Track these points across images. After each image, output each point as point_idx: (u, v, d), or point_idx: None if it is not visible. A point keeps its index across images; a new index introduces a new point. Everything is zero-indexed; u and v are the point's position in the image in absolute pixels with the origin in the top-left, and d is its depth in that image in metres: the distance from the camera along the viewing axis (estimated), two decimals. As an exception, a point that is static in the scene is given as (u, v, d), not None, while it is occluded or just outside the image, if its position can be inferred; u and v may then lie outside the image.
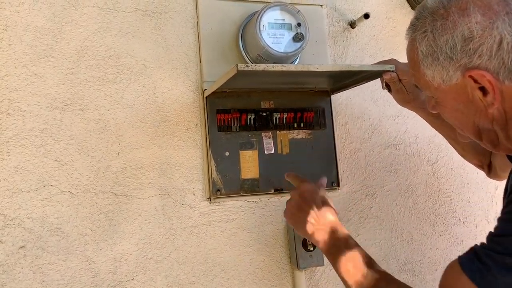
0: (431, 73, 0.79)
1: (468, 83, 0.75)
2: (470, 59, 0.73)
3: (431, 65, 0.78)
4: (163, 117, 1.22)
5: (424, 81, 0.82)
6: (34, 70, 1.12)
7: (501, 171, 1.14)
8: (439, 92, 0.80)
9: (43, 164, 1.10)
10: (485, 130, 0.80)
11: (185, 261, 1.19)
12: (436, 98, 0.83)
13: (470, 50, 0.72)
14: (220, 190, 1.23)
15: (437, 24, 0.76)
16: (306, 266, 1.26)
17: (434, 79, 0.79)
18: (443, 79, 0.77)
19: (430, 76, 0.79)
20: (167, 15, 1.25)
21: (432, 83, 0.80)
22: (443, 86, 0.78)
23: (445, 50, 0.75)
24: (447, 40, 0.74)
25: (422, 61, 0.80)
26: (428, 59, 0.78)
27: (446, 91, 0.79)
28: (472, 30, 0.72)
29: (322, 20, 1.40)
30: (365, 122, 1.43)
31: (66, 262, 1.09)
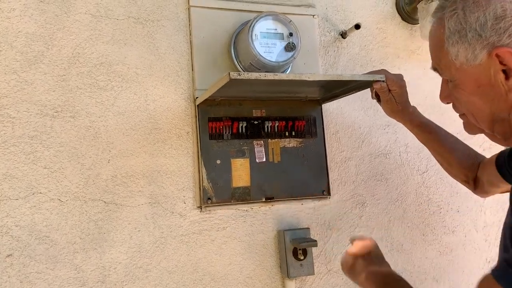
0: (455, 51, 0.78)
1: (492, 64, 0.74)
2: (499, 38, 0.72)
3: (457, 43, 0.77)
4: (155, 124, 1.21)
5: (445, 62, 0.80)
6: (24, 76, 1.11)
7: (491, 186, 1.12)
8: (459, 73, 0.79)
9: (32, 171, 1.09)
10: (499, 120, 0.79)
11: (175, 270, 1.18)
12: (455, 81, 0.81)
13: (501, 28, 0.72)
14: (211, 199, 1.22)
15: (469, 2, 0.75)
16: (297, 275, 1.25)
17: (457, 58, 0.78)
18: (467, 58, 0.76)
19: (454, 54, 0.78)
20: (159, 23, 1.25)
21: (454, 63, 0.79)
22: (466, 66, 0.77)
23: (474, 27, 0.74)
24: (478, 17, 0.74)
25: (448, 38, 0.78)
26: (455, 36, 0.77)
27: (467, 72, 0.78)
28: (505, 9, 0.72)
29: (314, 30, 1.41)
30: (355, 131, 1.44)
31: (54, 270, 1.08)
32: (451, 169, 1.22)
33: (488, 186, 1.13)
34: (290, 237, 1.26)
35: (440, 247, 1.48)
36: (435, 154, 1.23)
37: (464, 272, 1.50)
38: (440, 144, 1.19)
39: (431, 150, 1.23)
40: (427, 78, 1.56)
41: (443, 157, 1.21)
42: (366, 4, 1.51)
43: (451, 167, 1.21)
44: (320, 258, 1.33)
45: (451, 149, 1.18)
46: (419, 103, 1.24)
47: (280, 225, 1.30)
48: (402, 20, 1.55)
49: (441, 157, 1.22)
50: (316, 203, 1.35)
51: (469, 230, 1.53)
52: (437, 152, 1.22)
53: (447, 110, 1.55)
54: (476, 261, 1.52)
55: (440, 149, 1.20)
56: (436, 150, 1.22)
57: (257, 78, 1.02)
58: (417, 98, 1.46)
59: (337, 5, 1.47)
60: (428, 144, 1.23)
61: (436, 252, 1.48)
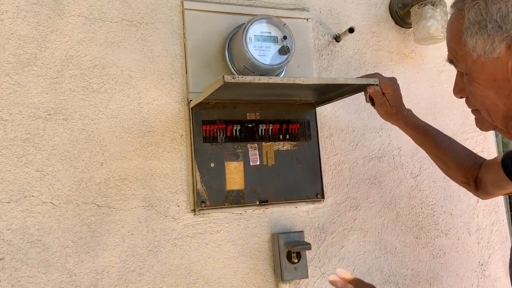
0: (473, 42, 0.76)
1: (510, 57, 0.73)
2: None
3: (476, 34, 0.75)
4: (148, 127, 1.21)
5: (462, 53, 0.79)
6: (17, 79, 1.10)
7: (494, 186, 1.10)
8: (476, 65, 0.78)
9: (25, 174, 1.08)
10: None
11: (168, 274, 1.18)
12: (471, 74, 0.80)
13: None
14: (205, 202, 1.22)
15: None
16: (291, 278, 1.25)
17: (475, 50, 0.76)
18: (485, 50, 0.75)
19: (472, 46, 0.76)
20: (153, 25, 1.25)
21: (471, 55, 0.77)
22: (483, 58, 0.76)
23: (495, 18, 0.72)
24: (499, 8, 0.72)
25: (467, 29, 0.76)
26: (474, 27, 0.75)
27: (484, 65, 0.76)
28: None
29: (308, 33, 1.41)
30: (349, 134, 1.44)
31: (46, 274, 1.07)
32: (449, 170, 1.21)
33: (492, 187, 1.12)
34: (284, 241, 1.26)
35: (433, 250, 1.49)
36: (432, 156, 1.23)
37: (457, 275, 1.51)
38: (436, 146, 1.19)
39: (428, 152, 1.23)
40: (420, 82, 1.57)
41: (440, 159, 1.21)
42: (360, 8, 1.52)
43: (449, 168, 1.21)
44: (314, 261, 1.33)
45: (448, 151, 1.18)
46: (412, 107, 1.25)
47: (274, 228, 1.30)
48: (395, 24, 1.56)
49: (438, 159, 1.22)
50: (310, 206, 1.35)
51: (462, 233, 1.54)
52: (434, 154, 1.22)
53: (440, 113, 1.57)
54: (469, 264, 1.53)
55: (437, 151, 1.20)
56: (432, 152, 1.21)
57: (251, 81, 1.02)
58: (411, 102, 1.47)
59: (331, 9, 1.47)
60: (425, 146, 1.23)
61: (430, 255, 1.48)
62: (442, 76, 1.59)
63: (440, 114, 1.56)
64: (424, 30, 1.43)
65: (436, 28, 1.42)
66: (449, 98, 1.58)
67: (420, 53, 1.58)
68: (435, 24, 1.42)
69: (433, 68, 1.59)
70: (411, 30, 1.54)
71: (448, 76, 1.59)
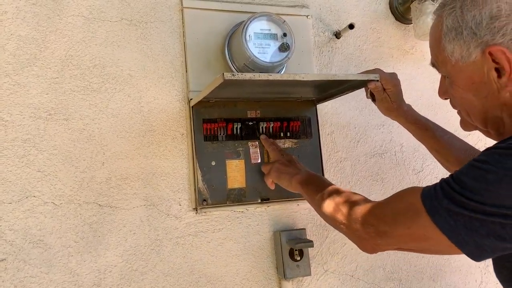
0: (451, 48, 0.80)
1: (485, 62, 0.77)
2: (493, 37, 0.75)
3: (453, 40, 0.80)
4: (149, 126, 1.21)
5: (442, 58, 0.83)
6: (17, 79, 1.10)
7: None
8: (455, 70, 0.82)
9: (26, 174, 1.08)
10: (492, 117, 0.81)
11: (170, 273, 1.18)
12: (451, 77, 0.84)
13: (495, 28, 0.75)
14: (206, 200, 1.22)
15: (467, 1, 0.78)
16: (293, 276, 1.25)
17: (453, 55, 0.80)
18: (462, 55, 0.79)
19: (450, 51, 0.81)
20: (152, 24, 1.25)
21: (450, 59, 0.81)
22: (461, 63, 0.80)
23: (470, 25, 0.77)
24: (474, 15, 0.76)
25: (445, 35, 0.81)
26: (451, 33, 0.80)
27: (462, 69, 0.80)
28: (501, 9, 0.74)
29: (308, 30, 1.41)
30: (350, 131, 1.44)
31: (48, 274, 1.07)
32: (449, 165, 1.22)
33: None
34: (286, 238, 1.26)
35: (436, 246, 1.48)
36: (432, 151, 1.23)
37: (461, 271, 1.50)
38: (436, 141, 1.20)
39: (428, 147, 1.23)
40: (421, 78, 1.56)
41: (440, 153, 1.21)
42: (360, 4, 1.51)
43: (449, 163, 1.21)
44: (317, 259, 1.32)
45: (448, 146, 1.19)
46: (413, 102, 1.25)
47: (276, 226, 1.30)
48: (395, 20, 1.56)
49: (438, 154, 1.22)
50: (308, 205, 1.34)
51: (465, 229, 1.53)
52: (434, 149, 1.22)
53: (441, 109, 1.56)
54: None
55: (437, 146, 1.20)
56: (433, 147, 1.22)
57: (251, 78, 1.02)
58: (411, 98, 1.46)
59: (330, 6, 1.47)
60: (425, 142, 1.23)
61: (433, 251, 1.48)
62: (443, 71, 1.59)
63: (441, 110, 1.55)
64: (424, 26, 1.43)
65: (436, 24, 1.41)
66: (451, 94, 1.57)
67: (420, 49, 1.57)
68: (436, 19, 1.41)
69: (434, 63, 1.59)
70: (412, 26, 1.53)
71: (449, 71, 1.59)
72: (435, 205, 0.74)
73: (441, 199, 0.74)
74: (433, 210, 0.74)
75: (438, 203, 0.74)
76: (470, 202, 0.71)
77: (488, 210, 0.69)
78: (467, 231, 0.71)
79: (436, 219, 0.74)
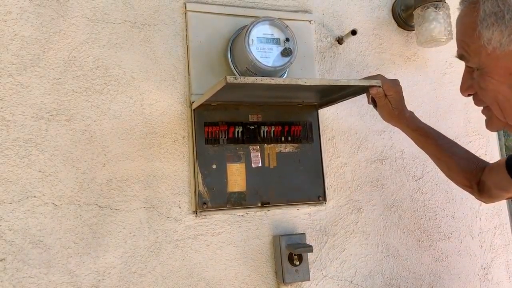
0: (489, 34, 0.74)
1: None
2: None
3: (493, 25, 0.74)
4: (150, 128, 1.21)
5: (475, 47, 0.77)
6: (20, 79, 1.11)
7: (498, 189, 1.09)
8: (490, 59, 0.76)
9: (27, 175, 1.08)
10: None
11: (169, 275, 1.17)
12: (484, 68, 0.78)
13: None
14: (207, 203, 1.22)
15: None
16: (292, 281, 1.25)
17: (490, 42, 0.75)
18: (501, 42, 0.73)
19: (487, 38, 0.75)
20: (156, 27, 1.25)
21: (485, 48, 0.75)
22: (498, 51, 0.74)
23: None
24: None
25: (482, 21, 0.75)
26: (490, 19, 0.74)
27: (499, 58, 0.75)
28: None
29: (310, 35, 1.41)
30: (351, 136, 1.44)
31: (47, 275, 1.07)
32: (451, 173, 1.20)
33: (496, 190, 1.10)
34: (285, 243, 1.26)
35: (435, 253, 1.48)
36: (434, 159, 1.22)
37: (460, 278, 1.50)
38: (438, 148, 1.18)
39: (430, 155, 1.22)
40: (423, 84, 1.56)
41: (442, 161, 1.20)
42: (363, 10, 1.52)
43: (451, 171, 1.19)
44: (316, 264, 1.32)
45: (450, 154, 1.17)
46: (415, 109, 1.25)
47: (276, 230, 1.29)
48: (398, 27, 1.56)
49: (440, 161, 1.20)
50: (312, 209, 1.34)
51: (464, 236, 1.53)
52: (436, 157, 1.21)
53: (442, 116, 1.56)
54: (471, 267, 1.52)
55: (439, 154, 1.19)
56: (434, 154, 1.20)
57: (253, 82, 1.02)
58: (413, 104, 1.47)
59: (333, 11, 1.47)
60: (426, 149, 1.22)
61: (432, 258, 1.48)
62: (445, 78, 1.59)
63: (443, 116, 1.56)
64: (427, 33, 1.43)
65: (439, 31, 1.42)
66: (452, 101, 1.57)
67: (422, 56, 1.58)
68: (438, 26, 1.42)
69: (435, 70, 1.59)
70: (414, 33, 1.54)
71: (450, 78, 1.59)
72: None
73: None
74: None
75: None
76: None
77: None
78: None
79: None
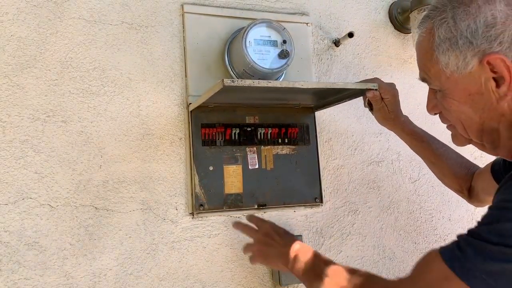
0: (446, 59, 0.77)
1: (483, 71, 0.74)
2: (490, 45, 0.72)
3: (448, 50, 0.77)
4: (147, 130, 1.21)
5: (435, 70, 0.80)
6: (16, 80, 1.10)
7: (485, 194, 1.10)
8: (450, 81, 0.79)
9: (23, 176, 1.08)
10: (489, 129, 0.79)
11: (166, 277, 1.17)
12: (445, 90, 0.81)
13: (491, 36, 0.72)
14: (203, 205, 1.22)
15: (459, 10, 0.75)
16: (289, 282, 1.25)
17: (448, 66, 0.77)
18: (458, 66, 0.76)
19: (444, 62, 0.78)
20: (153, 28, 1.25)
21: (444, 72, 0.78)
22: (456, 74, 0.77)
23: (465, 35, 0.74)
24: (468, 24, 0.74)
25: (438, 47, 0.78)
26: (445, 44, 0.77)
27: (457, 81, 0.77)
28: (495, 17, 0.72)
29: (307, 37, 1.42)
30: (348, 139, 1.44)
31: (43, 277, 1.06)
32: (444, 178, 1.22)
33: (483, 195, 1.12)
34: (282, 245, 1.26)
35: (431, 255, 1.48)
36: (428, 163, 1.23)
37: None
38: (432, 153, 1.19)
39: (424, 159, 1.23)
40: (419, 87, 1.57)
41: (435, 166, 1.21)
42: (359, 12, 1.52)
43: (444, 176, 1.21)
44: (312, 266, 1.32)
45: (444, 158, 1.18)
46: (411, 112, 1.25)
47: (272, 232, 1.29)
48: (394, 29, 1.57)
49: (433, 166, 1.22)
50: (308, 211, 1.35)
51: (460, 239, 1.54)
52: (430, 161, 1.22)
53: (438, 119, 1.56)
54: (467, 269, 1.53)
55: (433, 158, 1.20)
56: (428, 159, 1.22)
57: (250, 85, 1.02)
58: (409, 107, 1.47)
59: (330, 14, 1.48)
60: (421, 153, 1.23)
61: (428, 260, 1.48)
62: (441, 81, 1.60)
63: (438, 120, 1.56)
64: (423, 36, 1.43)
65: (435, 34, 1.42)
66: (448, 104, 1.58)
67: (419, 58, 1.58)
68: (434, 29, 1.42)
69: (432, 73, 1.59)
70: (411, 35, 1.54)
71: (447, 81, 1.60)
72: (469, 267, 0.66)
73: (473, 258, 0.66)
74: (466, 273, 0.66)
75: (472, 265, 0.66)
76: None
77: None
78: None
79: (472, 284, 0.65)
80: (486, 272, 0.65)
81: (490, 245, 0.65)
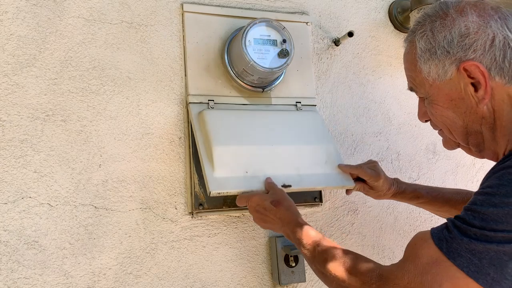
0: (427, 68, 0.85)
1: (461, 78, 0.81)
2: (465, 53, 0.80)
3: (428, 60, 0.84)
4: (147, 129, 1.21)
5: (420, 79, 0.87)
6: (15, 79, 1.10)
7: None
8: (433, 89, 0.85)
9: (22, 175, 1.08)
10: (473, 132, 0.84)
11: (165, 277, 1.17)
12: (430, 97, 0.87)
13: (466, 45, 0.80)
14: (203, 205, 1.22)
15: (436, 24, 0.84)
16: (288, 282, 1.25)
17: (429, 75, 0.85)
18: (439, 74, 0.83)
19: (426, 71, 0.85)
20: (153, 28, 1.25)
21: (427, 80, 0.85)
22: (438, 82, 0.84)
23: (442, 45, 0.82)
24: (445, 36, 0.82)
25: (420, 57, 0.85)
26: (426, 54, 0.84)
27: (440, 87, 0.84)
28: (468, 27, 0.80)
29: (307, 37, 1.41)
30: (348, 138, 1.44)
31: (42, 276, 1.06)
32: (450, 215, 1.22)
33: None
34: (281, 244, 1.26)
35: (431, 254, 1.48)
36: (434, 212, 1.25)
37: None
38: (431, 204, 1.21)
39: (430, 211, 1.26)
40: (419, 87, 1.57)
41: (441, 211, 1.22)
42: (359, 12, 1.52)
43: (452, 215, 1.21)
44: (312, 265, 1.32)
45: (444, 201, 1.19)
46: (411, 112, 1.25)
47: (272, 231, 1.29)
48: (394, 29, 1.57)
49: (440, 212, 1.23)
50: (308, 210, 1.35)
51: (460, 238, 1.54)
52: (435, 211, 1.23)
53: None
54: (466, 269, 1.53)
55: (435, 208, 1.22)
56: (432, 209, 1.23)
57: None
58: (408, 107, 1.47)
59: (330, 13, 1.48)
60: (423, 208, 1.25)
61: (427, 259, 1.48)
62: (441, 81, 1.60)
63: (439, 119, 1.56)
64: (423, 35, 1.44)
65: (435, 33, 1.42)
66: (448, 103, 1.58)
67: (419, 58, 1.58)
68: (434, 29, 1.42)
69: (432, 73, 1.59)
70: (410, 35, 1.54)
71: (446, 81, 1.60)
72: (455, 247, 0.70)
73: (459, 238, 0.70)
74: (452, 253, 0.70)
75: (457, 245, 0.70)
76: (497, 234, 0.67)
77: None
78: (496, 269, 0.67)
79: (458, 263, 0.69)
80: (471, 251, 0.69)
81: (475, 229, 0.70)
